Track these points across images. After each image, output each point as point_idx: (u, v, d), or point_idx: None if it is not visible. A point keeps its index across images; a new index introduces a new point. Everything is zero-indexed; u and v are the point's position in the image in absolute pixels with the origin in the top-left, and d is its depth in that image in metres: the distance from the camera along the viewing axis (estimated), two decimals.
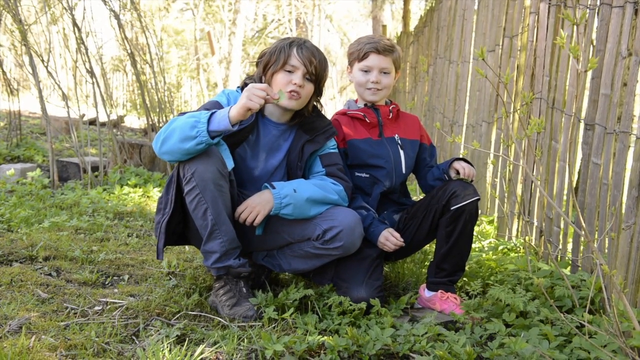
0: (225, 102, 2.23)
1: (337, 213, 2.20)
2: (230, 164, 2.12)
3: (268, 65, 2.26)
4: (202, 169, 2.03)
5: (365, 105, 2.53)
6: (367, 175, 2.45)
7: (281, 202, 2.14)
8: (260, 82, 2.28)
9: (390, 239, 2.32)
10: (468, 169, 2.33)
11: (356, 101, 2.59)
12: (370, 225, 2.35)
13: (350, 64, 2.53)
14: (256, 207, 2.16)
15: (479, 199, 2.28)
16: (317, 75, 2.25)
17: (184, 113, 2.10)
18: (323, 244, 2.19)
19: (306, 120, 2.34)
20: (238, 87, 2.34)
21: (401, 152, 2.50)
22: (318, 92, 2.33)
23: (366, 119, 2.48)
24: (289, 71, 2.22)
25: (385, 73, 2.45)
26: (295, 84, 2.21)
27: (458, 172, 2.33)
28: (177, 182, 2.12)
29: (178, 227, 2.23)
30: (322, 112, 2.42)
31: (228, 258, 2.15)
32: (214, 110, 2.04)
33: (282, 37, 2.38)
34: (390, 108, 2.53)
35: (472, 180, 2.34)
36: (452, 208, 2.26)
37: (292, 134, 2.35)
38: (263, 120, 2.32)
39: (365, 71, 2.45)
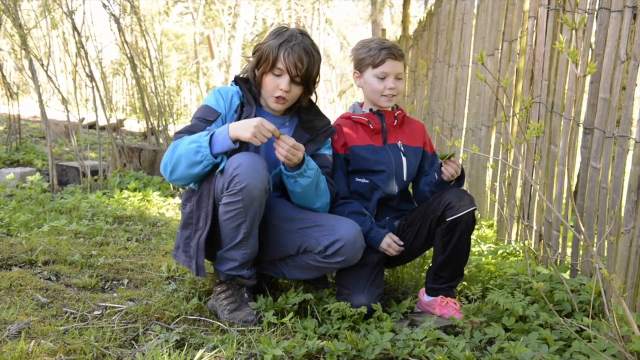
0: (214, 103, 2.23)
1: (338, 226, 2.16)
2: None
3: (259, 64, 2.24)
4: (252, 186, 2.01)
5: (370, 110, 2.48)
6: (367, 181, 2.42)
7: (306, 170, 2.14)
8: (254, 77, 2.27)
9: (392, 245, 2.33)
10: (453, 163, 2.31)
11: (361, 105, 2.53)
12: (371, 230, 2.33)
13: (360, 69, 2.44)
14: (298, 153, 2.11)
15: (475, 209, 2.25)
16: (305, 77, 2.21)
17: (180, 133, 2.15)
18: (324, 257, 2.17)
19: (306, 119, 2.32)
20: (232, 81, 2.34)
21: (403, 159, 2.46)
22: (308, 91, 2.29)
23: (370, 125, 2.43)
24: (277, 75, 2.20)
25: (399, 79, 2.41)
26: (281, 89, 2.20)
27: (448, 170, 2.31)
28: (213, 195, 2.11)
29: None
30: (318, 105, 2.40)
31: (243, 268, 2.17)
32: (211, 132, 2.06)
33: (279, 27, 2.28)
34: (396, 114, 2.47)
35: (462, 177, 2.34)
36: (447, 219, 2.24)
37: (292, 127, 2.33)
38: (261, 111, 2.32)
39: (382, 78, 2.38)
